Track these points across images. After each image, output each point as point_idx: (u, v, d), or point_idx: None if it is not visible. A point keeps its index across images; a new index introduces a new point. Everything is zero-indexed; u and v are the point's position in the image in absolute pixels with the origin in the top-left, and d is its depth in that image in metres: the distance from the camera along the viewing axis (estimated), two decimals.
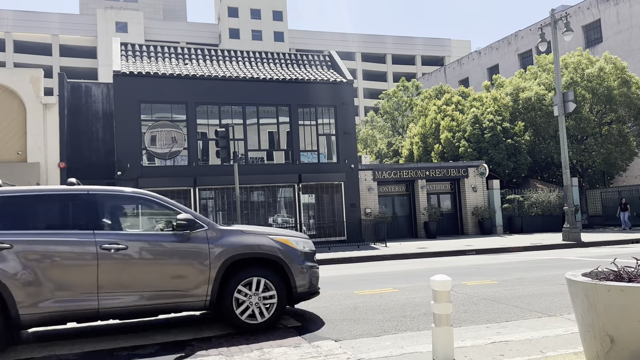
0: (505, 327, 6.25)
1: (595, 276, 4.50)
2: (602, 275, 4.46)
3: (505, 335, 5.75)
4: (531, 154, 29.67)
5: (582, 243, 18.57)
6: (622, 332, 4.09)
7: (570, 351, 4.94)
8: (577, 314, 4.47)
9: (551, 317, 6.72)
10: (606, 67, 27.64)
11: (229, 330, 6.59)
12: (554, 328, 6.02)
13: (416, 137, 34.07)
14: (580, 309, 4.37)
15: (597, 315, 4.20)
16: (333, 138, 23.55)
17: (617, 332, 4.11)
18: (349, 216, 22.93)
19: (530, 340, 5.50)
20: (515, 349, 5.19)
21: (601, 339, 4.20)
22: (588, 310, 4.27)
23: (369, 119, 49.15)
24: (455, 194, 26.63)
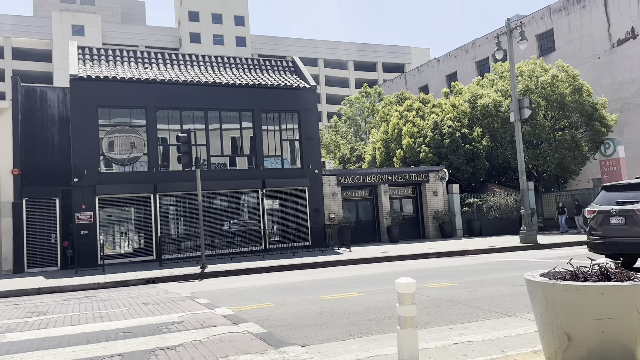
0: (468, 327, 6.38)
1: (552, 276, 4.65)
2: (559, 275, 4.61)
3: (467, 336, 5.87)
4: (489, 158, 30.45)
5: (539, 245, 19.16)
6: (578, 330, 4.23)
7: (530, 350, 5.08)
8: (536, 313, 4.60)
9: (511, 317, 6.90)
10: (559, 74, 28.70)
11: (194, 338, 6.49)
12: (514, 328, 6.18)
13: (378, 143, 34.47)
14: (539, 308, 4.50)
15: (555, 314, 4.34)
16: (297, 144, 23.55)
17: (574, 330, 4.25)
18: (313, 221, 22.94)
19: (492, 340, 5.62)
20: (477, 349, 5.30)
21: (559, 337, 4.33)
22: (546, 309, 4.40)
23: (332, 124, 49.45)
24: (417, 199, 27.05)
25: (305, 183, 22.95)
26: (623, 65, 32.61)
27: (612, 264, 4.63)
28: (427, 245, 21.07)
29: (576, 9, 35.29)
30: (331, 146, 43.84)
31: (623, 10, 32.48)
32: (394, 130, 33.08)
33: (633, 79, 32.11)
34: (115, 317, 8.56)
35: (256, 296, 10.15)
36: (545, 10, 37.52)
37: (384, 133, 34.22)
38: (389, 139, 33.55)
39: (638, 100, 31.87)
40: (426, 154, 29.03)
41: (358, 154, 40.31)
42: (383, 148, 33.88)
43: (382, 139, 34.08)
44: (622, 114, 32.14)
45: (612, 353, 4.21)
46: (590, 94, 28.86)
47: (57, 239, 19.96)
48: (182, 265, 17.74)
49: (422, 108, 33.25)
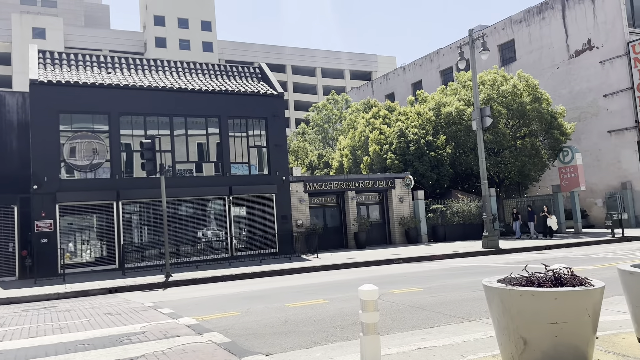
0: (430, 333, 6.48)
1: (509, 282, 4.78)
2: (515, 281, 4.75)
3: (429, 341, 5.96)
4: (453, 165, 31.02)
5: (500, 250, 19.61)
6: (534, 335, 4.36)
7: (488, 354, 5.19)
8: (493, 318, 4.72)
9: (471, 321, 7.04)
10: (519, 84, 29.53)
11: (156, 349, 6.38)
12: (474, 332, 6.31)
13: (346, 150, 34.67)
14: (496, 313, 4.62)
15: (511, 318, 4.46)
16: (264, 150, 23.48)
17: (530, 335, 4.38)
18: (280, 228, 22.88)
19: (453, 345, 5.73)
20: (438, 354, 5.39)
21: (515, 341, 4.45)
22: (503, 314, 4.52)
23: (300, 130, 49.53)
24: (384, 205, 27.31)
25: (273, 190, 22.89)
26: (580, 75, 33.83)
27: (566, 270, 4.79)
28: (393, 251, 21.30)
29: (536, 20, 36.46)
30: (299, 153, 43.88)
31: (580, 22, 33.74)
32: (361, 137, 33.35)
33: (590, 89, 33.33)
34: (75, 329, 8.33)
35: (221, 305, 10.04)
36: (506, 21, 38.62)
37: (351, 140, 34.45)
38: (356, 145, 33.80)
39: (594, 109, 33.08)
40: (392, 160, 29.38)
41: (326, 160, 40.47)
42: (350, 155, 34.08)
43: (350, 146, 34.30)
44: (579, 122, 33.30)
45: (565, 355, 4.35)
46: (549, 103, 29.79)
47: (15, 248, 19.29)
48: (146, 274, 17.40)
49: (389, 116, 33.65)
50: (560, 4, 34.97)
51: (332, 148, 45.01)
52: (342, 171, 34.55)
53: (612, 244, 20.72)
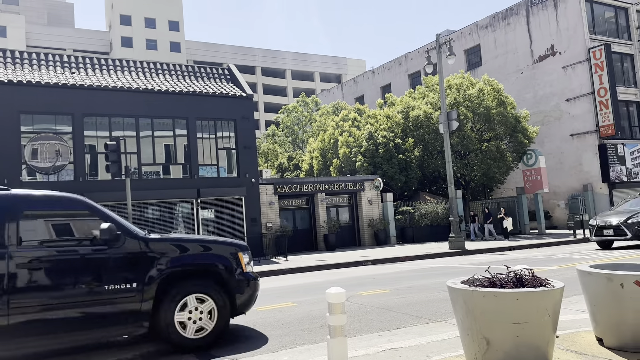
0: (396, 334, 6.53)
1: (472, 283, 4.85)
2: (478, 282, 4.82)
3: (395, 342, 6.00)
4: (421, 168, 31.44)
5: (466, 251, 19.96)
6: (496, 335, 4.44)
7: (453, 354, 5.26)
8: (457, 318, 4.78)
9: (437, 322, 7.14)
10: (485, 88, 30.16)
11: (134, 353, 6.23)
12: (440, 333, 6.39)
13: (316, 152, 34.73)
14: (460, 314, 4.68)
15: (474, 319, 4.53)
16: (233, 152, 23.31)
17: (493, 335, 4.45)
18: (249, 231, 22.72)
19: (418, 345, 5.79)
20: (404, 355, 5.43)
21: (479, 342, 4.52)
22: (466, 315, 4.59)
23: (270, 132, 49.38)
24: (353, 207, 27.46)
25: (242, 192, 22.72)
26: (544, 80, 34.79)
27: (527, 271, 4.90)
28: (362, 253, 21.42)
29: (501, 25, 37.33)
30: (269, 155, 43.73)
31: (544, 28, 34.71)
32: (331, 140, 33.47)
33: (553, 94, 34.32)
34: None
35: None
36: (473, 26, 39.41)
37: (321, 142, 34.53)
38: (326, 148, 33.89)
39: (557, 113, 34.07)
40: (362, 163, 29.57)
41: (296, 162, 40.45)
42: (320, 157, 34.15)
43: (320, 148, 34.37)
44: (543, 126, 34.23)
45: (526, 355, 4.44)
46: (514, 107, 30.52)
47: None
48: None
49: (358, 118, 33.88)
50: (525, 10, 35.89)
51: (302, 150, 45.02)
52: (312, 173, 34.60)
53: (574, 245, 21.32)
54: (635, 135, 33.90)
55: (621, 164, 32.34)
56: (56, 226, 5.76)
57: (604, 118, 31.54)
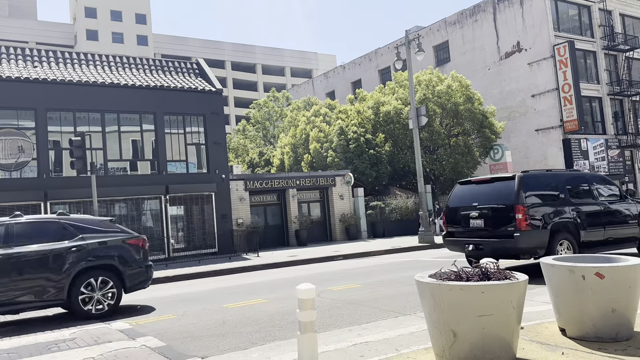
0: (366, 328, 6.59)
1: (439, 277, 4.93)
2: (445, 276, 4.91)
3: (365, 337, 6.06)
4: (391, 163, 31.73)
5: (435, 244, 20.28)
6: (463, 327, 4.53)
7: (422, 347, 5.34)
8: (425, 312, 4.86)
9: (406, 316, 7.23)
10: (453, 84, 30.60)
11: (87, 356, 6.11)
12: (409, 326, 6.48)
13: (287, 147, 34.64)
14: (428, 307, 4.76)
15: (441, 312, 4.61)
16: (203, 147, 23.08)
17: (459, 327, 4.54)
18: (220, 227, 22.57)
19: (388, 339, 5.85)
20: (374, 349, 5.49)
21: (446, 334, 4.61)
22: (434, 308, 4.67)
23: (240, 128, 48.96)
24: (325, 202, 27.53)
25: (212, 188, 22.53)
26: (510, 76, 35.51)
27: (492, 265, 5.00)
28: (334, 248, 21.53)
29: (469, 22, 37.88)
30: (239, 150, 43.43)
31: (510, 25, 35.39)
32: (302, 135, 33.44)
33: (519, 89, 35.06)
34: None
35: (157, 308, 9.77)
36: (441, 22, 39.87)
37: (292, 137, 34.46)
38: (297, 143, 33.85)
39: (523, 109, 34.84)
40: (333, 158, 29.66)
41: (267, 158, 40.28)
42: (291, 152, 34.09)
43: (291, 144, 34.30)
44: (509, 121, 34.95)
45: (492, 347, 4.55)
46: (481, 103, 31.07)
47: None
48: None
49: (329, 114, 33.93)
50: (492, 7, 36.50)
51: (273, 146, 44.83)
52: (284, 169, 34.51)
53: None
54: (598, 130, 34.98)
55: (584, 158, 33.32)
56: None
57: (568, 113, 32.41)
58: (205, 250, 22.01)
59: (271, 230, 25.87)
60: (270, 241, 25.32)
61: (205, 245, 22.16)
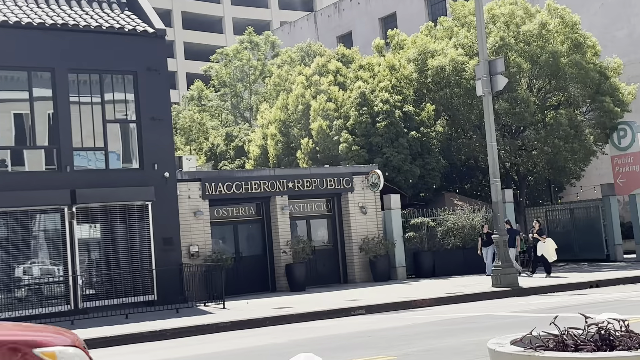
0: None
1: (529, 344, 4.93)
2: (538, 343, 4.91)
3: None
4: (446, 153, 31.56)
5: (520, 289, 20.20)
6: None
7: None
8: None
9: None
10: (550, 22, 30.41)
11: None
12: None
13: (272, 126, 34.59)
14: None
15: None
16: (133, 127, 23.12)
17: None
18: (161, 259, 22.55)
19: None
20: None
21: None
22: None
23: (195, 93, 49.11)
24: (335, 218, 27.45)
25: (148, 195, 22.53)
26: None
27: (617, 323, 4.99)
28: (350, 295, 21.45)
29: None
30: (193, 131, 43.50)
31: None
32: (298, 106, 33.43)
33: None
34: None
35: None
36: None
37: (281, 110, 34.45)
38: (290, 120, 33.82)
39: None
40: (349, 145, 29.61)
41: (239, 144, 40.29)
42: (280, 135, 34.06)
43: (279, 120, 34.27)
44: None
45: None
46: (597, 53, 30.87)
47: None
48: None
49: (343, 71, 33.90)
50: None
51: (250, 124, 44.88)
52: (267, 162, 34.51)
53: None
54: None
55: None
56: None
57: None
58: (137, 297, 22.00)
59: (246, 265, 25.85)
60: (244, 283, 25.29)
61: (136, 290, 22.14)
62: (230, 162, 39.70)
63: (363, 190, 27.42)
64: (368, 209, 27.36)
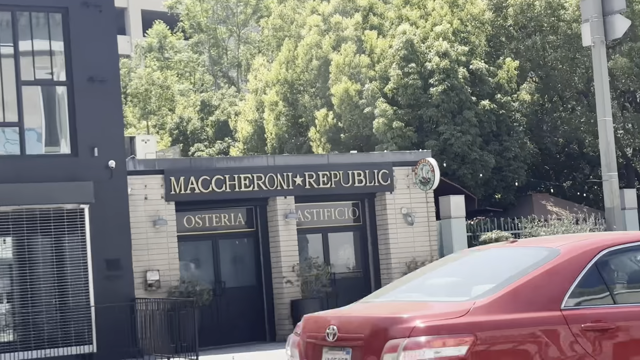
0: None
1: None
2: None
3: None
4: (535, 133, 31.46)
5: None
6: None
7: None
8: None
9: None
10: None
11: None
12: None
13: (272, 91, 34.57)
14: None
15: None
16: (61, 92, 23.20)
17: None
18: (103, 292, 22.57)
19: None
20: None
21: None
22: None
23: (153, 42, 49.21)
24: (366, 232, 27.42)
25: (84, 194, 22.54)
26: None
27: None
28: None
29: None
30: (152, 98, 43.56)
31: None
32: (311, 61, 33.41)
33: None
34: None
35: None
36: None
37: (285, 67, 34.43)
38: (299, 81, 33.80)
39: None
40: (388, 120, 29.54)
41: (220, 118, 40.34)
42: (283, 104, 34.03)
43: (282, 82, 34.25)
44: None
45: None
46: None
47: None
48: None
49: (379, 8, 33.85)
50: None
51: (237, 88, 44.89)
52: (263, 146, 34.52)
53: None
54: None
55: None
56: None
57: None
58: (66, 349, 22.05)
59: (232, 301, 25.90)
60: (229, 328, 25.37)
61: (65, 339, 22.17)
62: (208, 146, 39.74)
63: (409, 189, 27.33)
64: (416, 218, 27.26)
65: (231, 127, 38.95)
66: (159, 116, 43.42)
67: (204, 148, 39.43)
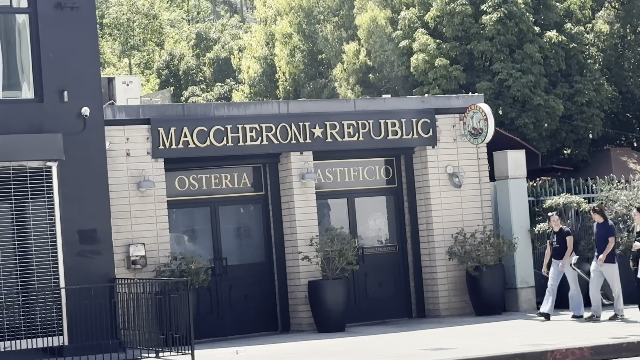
0: None
1: None
2: None
3: None
4: (615, 73, 31.42)
5: None
6: None
7: None
8: None
9: None
10: None
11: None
12: None
13: (284, 21, 34.63)
14: None
15: None
16: (22, 22, 23.26)
17: None
18: (75, 272, 22.66)
19: None
20: None
21: None
22: None
23: None
24: (401, 196, 27.50)
25: (51, 149, 22.58)
26: None
27: None
28: (430, 338, 21.64)
29: None
30: (135, 30, 43.65)
31: None
32: None
33: None
34: None
35: None
36: None
37: None
38: (319, 8, 33.81)
39: None
40: (430, 56, 29.55)
41: (219, 55, 40.42)
42: (298, 36, 34.08)
43: (297, 9, 34.27)
44: None
45: None
46: None
47: None
48: None
49: None
50: None
51: (242, 17, 44.96)
52: (274, 89, 34.59)
53: None
54: None
55: None
56: None
57: None
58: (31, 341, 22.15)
59: (236, 282, 26.11)
60: (233, 315, 25.51)
61: (30, 328, 22.29)
62: (205, 89, 39.85)
63: (455, 143, 27.36)
64: (465, 179, 27.30)
65: (234, 65, 39.01)
66: (144, 52, 43.53)
67: (200, 92, 39.55)
